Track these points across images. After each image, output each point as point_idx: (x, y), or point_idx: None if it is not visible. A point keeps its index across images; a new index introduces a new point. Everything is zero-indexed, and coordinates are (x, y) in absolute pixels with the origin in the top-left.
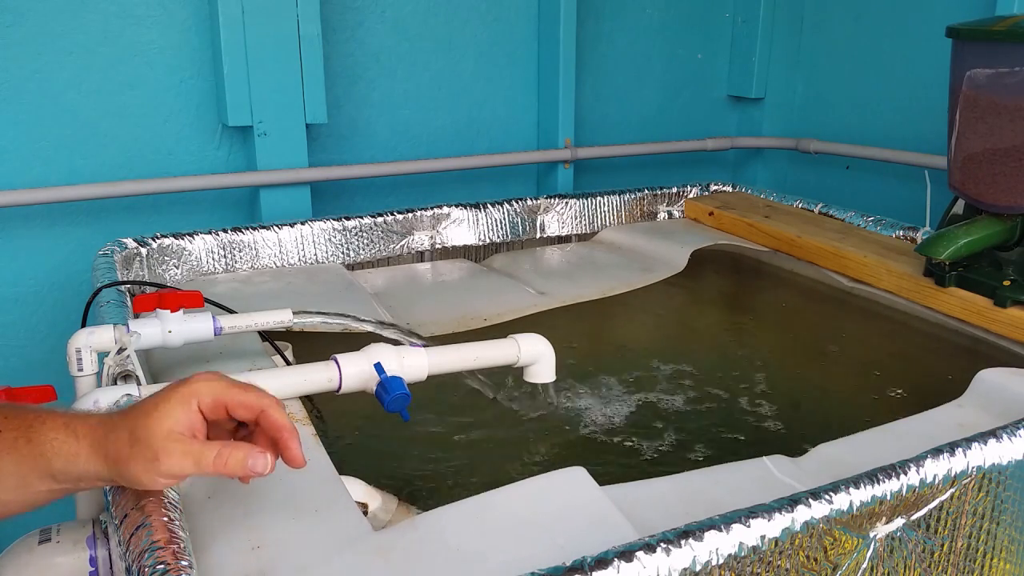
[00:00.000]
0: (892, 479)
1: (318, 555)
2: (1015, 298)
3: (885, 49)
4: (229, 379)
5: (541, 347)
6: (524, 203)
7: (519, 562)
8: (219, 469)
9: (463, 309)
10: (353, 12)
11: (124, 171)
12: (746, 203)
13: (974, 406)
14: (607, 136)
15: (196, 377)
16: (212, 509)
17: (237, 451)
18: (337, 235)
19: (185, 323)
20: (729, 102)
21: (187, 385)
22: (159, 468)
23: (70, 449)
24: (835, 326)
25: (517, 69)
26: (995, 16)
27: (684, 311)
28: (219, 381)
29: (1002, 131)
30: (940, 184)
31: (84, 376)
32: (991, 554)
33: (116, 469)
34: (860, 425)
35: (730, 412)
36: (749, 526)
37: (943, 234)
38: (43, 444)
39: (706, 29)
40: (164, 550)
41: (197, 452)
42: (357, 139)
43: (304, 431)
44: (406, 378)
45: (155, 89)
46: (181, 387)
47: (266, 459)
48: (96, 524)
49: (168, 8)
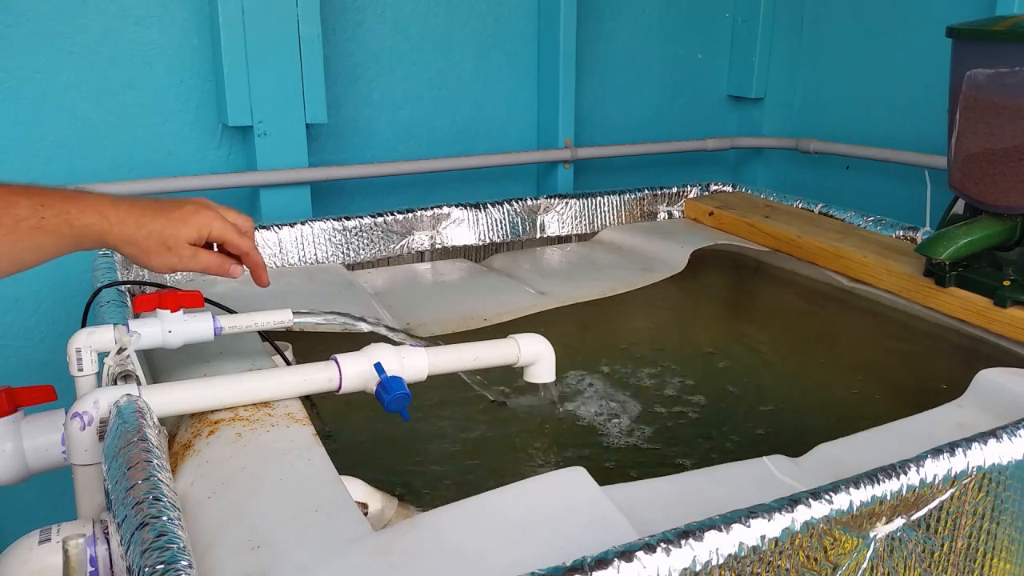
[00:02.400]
0: (892, 479)
1: (318, 555)
2: (1015, 298)
3: (885, 49)
4: (232, 225)
5: (541, 347)
6: (524, 203)
7: (519, 562)
8: (209, 267)
9: (463, 309)
10: (353, 12)
11: (124, 171)
12: (746, 203)
13: (974, 406)
14: (607, 136)
15: (210, 213)
16: (212, 509)
17: (224, 261)
18: (337, 235)
19: (185, 323)
20: (729, 102)
21: (204, 215)
22: (171, 262)
23: (100, 232)
24: (835, 326)
25: (517, 69)
26: (995, 16)
27: (684, 311)
28: (229, 228)
29: (1002, 131)
30: (940, 184)
31: (84, 376)
32: (991, 554)
33: (134, 253)
34: (860, 425)
35: (730, 412)
36: (749, 526)
37: (943, 234)
38: (82, 228)
39: (706, 29)
40: (164, 550)
41: (204, 258)
42: (357, 139)
43: (304, 431)
44: (406, 378)
45: (155, 89)
46: (201, 214)
47: (240, 270)
48: (96, 524)
49: (168, 8)
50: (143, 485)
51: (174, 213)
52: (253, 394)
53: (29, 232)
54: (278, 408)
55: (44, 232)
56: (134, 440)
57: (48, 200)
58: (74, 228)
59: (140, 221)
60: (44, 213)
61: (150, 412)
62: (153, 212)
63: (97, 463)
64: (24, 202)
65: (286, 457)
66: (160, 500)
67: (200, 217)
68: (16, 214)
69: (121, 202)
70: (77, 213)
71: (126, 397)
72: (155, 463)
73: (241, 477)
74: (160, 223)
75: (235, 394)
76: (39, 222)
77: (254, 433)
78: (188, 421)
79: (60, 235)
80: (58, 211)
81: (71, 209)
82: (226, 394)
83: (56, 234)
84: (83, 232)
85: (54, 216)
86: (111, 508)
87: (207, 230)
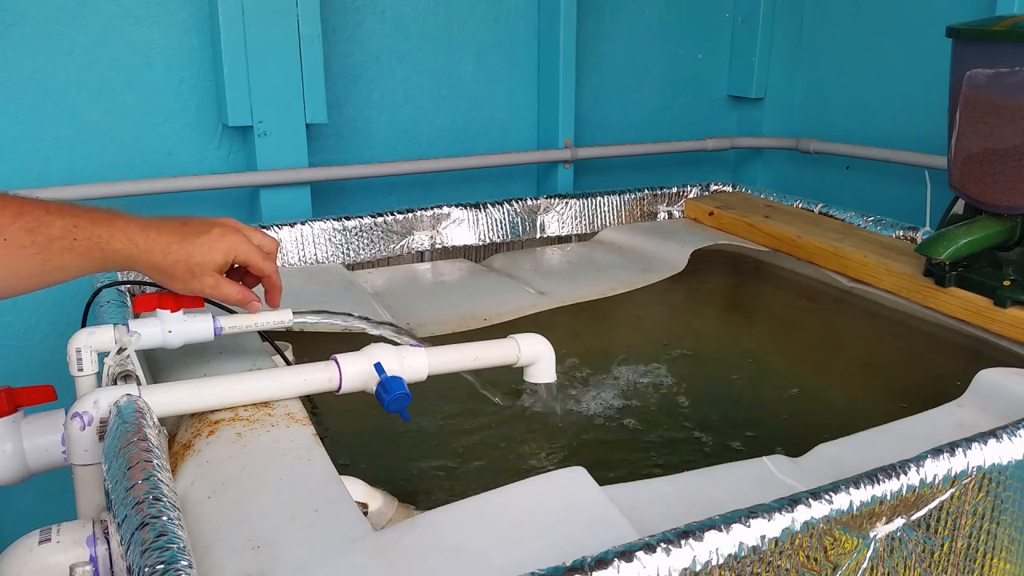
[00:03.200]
0: (892, 479)
1: (318, 555)
2: (1015, 298)
3: (885, 49)
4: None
5: (541, 347)
6: (524, 203)
7: (519, 562)
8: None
9: (463, 309)
10: (353, 12)
11: (124, 171)
12: (746, 203)
13: (974, 406)
14: (607, 136)
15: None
16: (212, 509)
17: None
18: (337, 235)
19: (185, 323)
20: (729, 102)
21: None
22: (194, 288)
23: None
24: (835, 326)
25: (517, 69)
26: (995, 16)
27: (684, 311)
28: (254, 252)
29: (1002, 131)
30: (940, 184)
31: (84, 376)
32: (991, 554)
33: (160, 278)
34: (860, 425)
35: (730, 412)
36: (749, 526)
37: (943, 234)
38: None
39: (706, 29)
40: (164, 550)
41: (226, 289)
42: (357, 139)
43: (304, 431)
44: (406, 378)
45: (155, 89)
46: (227, 238)
47: (259, 306)
48: (96, 524)
49: (168, 8)
50: (143, 485)
51: (200, 239)
52: (253, 394)
53: (60, 252)
54: (278, 408)
55: (75, 253)
56: (134, 440)
57: (81, 222)
58: (104, 252)
59: (167, 249)
60: (77, 235)
61: (150, 412)
62: (180, 238)
63: (97, 463)
64: (58, 222)
65: (286, 457)
66: (160, 500)
67: (226, 241)
68: (50, 234)
69: (150, 227)
70: (108, 238)
71: (126, 397)
72: (155, 463)
73: (241, 477)
74: (187, 250)
75: (235, 394)
76: (71, 243)
77: (254, 433)
78: (188, 421)
79: (91, 257)
80: (90, 234)
81: (102, 233)
82: (226, 394)
83: (87, 256)
84: (112, 256)
85: (86, 239)
86: (111, 508)
87: (233, 254)
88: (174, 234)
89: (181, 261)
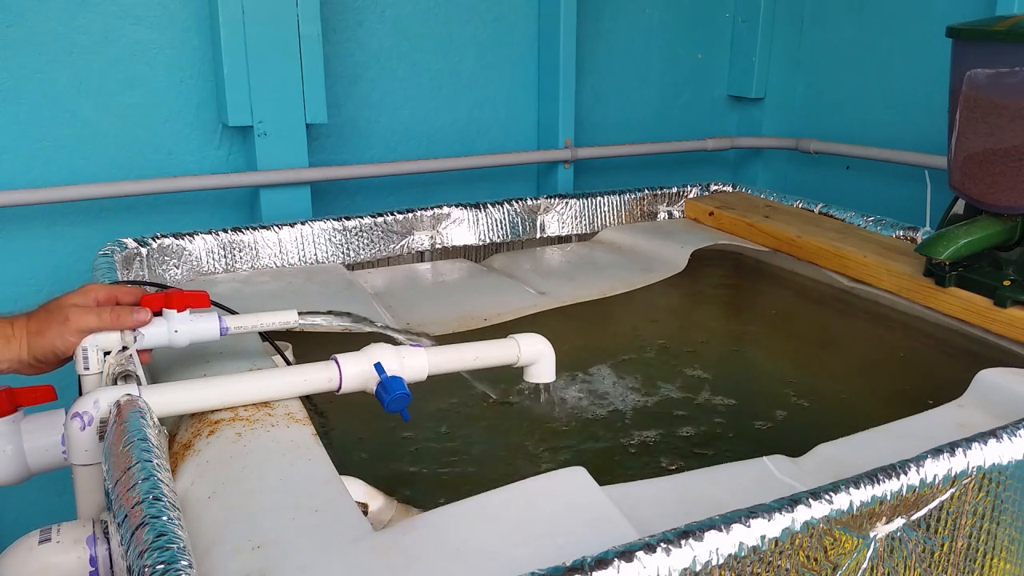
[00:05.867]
0: (892, 479)
1: (318, 555)
2: (1015, 298)
3: (885, 49)
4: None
5: (541, 347)
6: (524, 203)
7: (519, 562)
8: (114, 322)
9: (463, 309)
10: (353, 12)
11: (124, 171)
12: (746, 203)
13: (974, 406)
14: (607, 136)
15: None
16: (212, 509)
17: (125, 310)
18: (337, 235)
19: (191, 323)
20: (729, 102)
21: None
22: (69, 326)
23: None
24: (835, 326)
25: (517, 69)
26: (995, 16)
27: (684, 311)
28: (102, 320)
29: (1002, 131)
30: (940, 184)
31: (90, 375)
32: (991, 554)
33: (36, 341)
34: (860, 425)
35: (730, 411)
36: (749, 526)
37: (943, 234)
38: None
39: (706, 29)
40: (164, 550)
41: (96, 311)
42: (357, 139)
43: (304, 431)
44: (406, 378)
45: (155, 89)
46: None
47: (147, 314)
48: (96, 524)
49: (168, 8)
50: (143, 485)
51: (51, 330)
52: (253, 394)
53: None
54: (278, 408)
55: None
56: (134, 440)
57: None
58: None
59: (30, 315)
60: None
61: (150, 412)
62: (35, 333)
63: (97, 463)
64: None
65: (286, 457)
66: (160, 500)
67: (73, 324)
68: None
69: (12, 337)
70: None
71: (126, 397)
72: (155, 463)
73: (241, 477)
74: (48, 339)
75: (235, 394)
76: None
77: (254, 433)
78: (188, 421)
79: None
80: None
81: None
82: (226, 394)
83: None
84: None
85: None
86: (111, 508)
87: (87, 332)
88: (30, 334)
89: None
